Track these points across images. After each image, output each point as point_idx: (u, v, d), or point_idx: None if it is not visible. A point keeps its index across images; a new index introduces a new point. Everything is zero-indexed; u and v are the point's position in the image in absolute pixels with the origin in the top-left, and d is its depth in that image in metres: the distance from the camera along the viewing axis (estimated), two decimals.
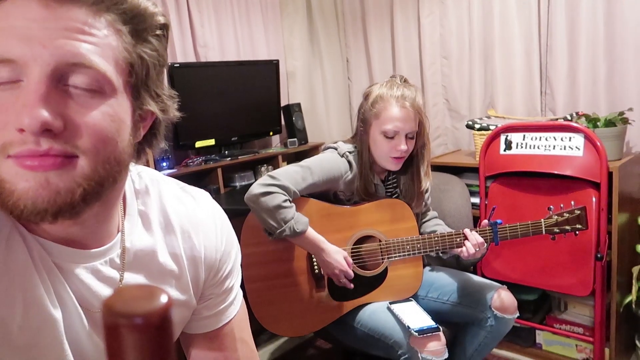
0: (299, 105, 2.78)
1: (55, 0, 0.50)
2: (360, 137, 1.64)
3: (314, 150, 2.72)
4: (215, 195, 2.25)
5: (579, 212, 1.59)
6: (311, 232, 1.52)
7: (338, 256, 1.54)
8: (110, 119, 0.54)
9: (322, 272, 1.61)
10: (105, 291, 0.64)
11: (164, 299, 0.28)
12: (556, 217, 1.59)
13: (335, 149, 1.65)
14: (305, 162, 1.59)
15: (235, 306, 0.84)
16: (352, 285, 1.58)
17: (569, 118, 2.08)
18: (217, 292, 0.80)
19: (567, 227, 1.59)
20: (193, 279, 0.75)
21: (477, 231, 1.59)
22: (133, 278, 0.67)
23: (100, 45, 0.52)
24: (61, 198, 0.52)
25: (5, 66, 0.50)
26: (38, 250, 0.59)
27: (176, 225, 0.73)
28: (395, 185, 1.73)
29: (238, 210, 1.65)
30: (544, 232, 1.60)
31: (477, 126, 2.23)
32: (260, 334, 2.38)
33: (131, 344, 0.27)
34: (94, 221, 0.62)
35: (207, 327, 0.81)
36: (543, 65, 2.38)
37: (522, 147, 1.98)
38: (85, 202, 0.54)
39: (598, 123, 1.96)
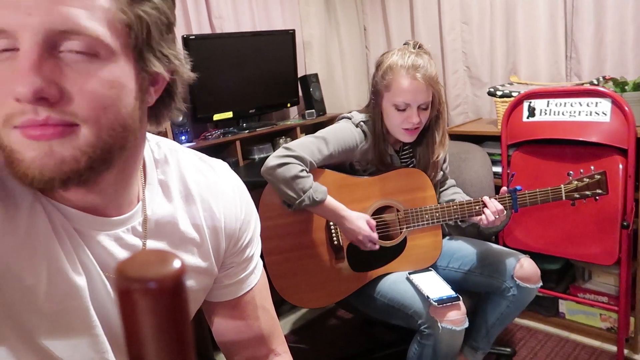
0: (316, 75, 2.74)
1: None
2: (373, 108, 1.61)
3: (333, 121, 2.65)
4: (234, 168, 2.24)
5: (599, 176, 1.55)
6: (331, 201, 1.51)
7: (360, 222, 1.52)
8: (109, 85, 0.53)
9: (341, 243, 1.61)
10: None
11: (177, 264, 0.27)
12: (576, 182, 1.56)
13: (350, 118, 1.63)
14: (320, 132, 1.57)
15: (255, 275, 0.85)
16: (377, 247, 1.56)
17: (596, 82, 2.01)
18: (238, 260, 0.81)
19: (587, 192, 1.55)
20: (214, 247, 0.75)
21: (496, 198, 1.56)
22: (155, 246, 0.68)
23: (91, 8, 0.50)
24: (67, 166, 0.52)
25: (1, 36, 0.49)
26: (59, 217, 0.60)
27: (196, 194, 0.73)
28: (410, 155, 1.71)
29: (257, 182, 1.65)
30: (564, 198, 1.57)
31: (499, 93, 2.17)
32: (282, 304, 2.41)
33: (144, 308, 0.27)
34: (112, 189, 0.62)
35: (228, 295, 0.82)
36: (568, 27, 2.29)
37: (546, 113, 1.93)
38: (93, 169, 0.54)
39: (626, 87, 1.88)
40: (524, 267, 1.59)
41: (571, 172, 1.57)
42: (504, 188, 1.58)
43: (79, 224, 0.61)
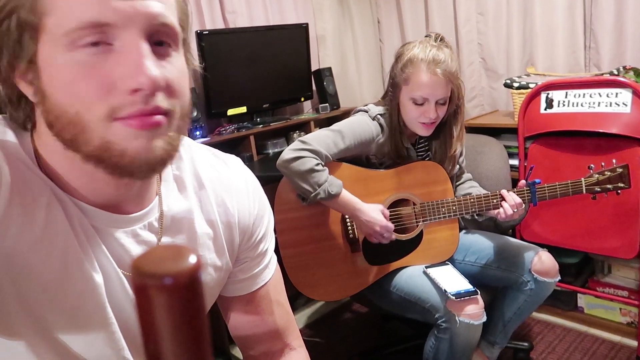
0: (329, 69, 2.72)
1: None
2: (390, 101, 1.59)
3: (346, 115, 2.65)
4: (249, 163, 2.26)
5: (621, 170, 1.52)
6: (346, 194, 1.50)
7: (375, 214, 1.51)
8: (183, 72, 0.57)
9: (357, 236, 1.60)
10: None
11: (192, 259, 0.27)
12: (597, 175, 1.53)
13: (366, 111, 1.61)
14: (336, 125, 1.56)
15: (269, 270, 0.85)
16: (393, 237, 1.55)
17: (616, 72, 1.97)
18: (252, 255, 0.81)
19: (609, 186, 1.52)
20: (228, 242, 0.76)
21: (514, 192, 1.54)
22: (171, 241, 0.68)
23: (168, 4, 0.55)
24: (165, 152, 0.55)
25: (97, 31, 0.50)
26: (77, 214, 0.60)
27: (209, 189, 0.73)
28: (426, 148, 1.69)
29: (272, 177, 1.65)
30: (584, 192, 1.54)
31: (515, 85, 2.14)
32: (297, 299, 2.42)
33: (161, 304, 0.26)
34: (139, 183, 0.63)
35: (243, 289, 0.82)
36: (587, 17, 2.25)
37: (564, 105, 1.89)
38: (177, 152, 0.58)
39: None
40: (542, 261, 1.57)
41: (592, 165, 1.54)
42: (523, 181, 1.56)
43: (96, 220, 0.62)
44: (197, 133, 2.23)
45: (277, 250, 0.88)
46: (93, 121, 0.51)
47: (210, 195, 0.73)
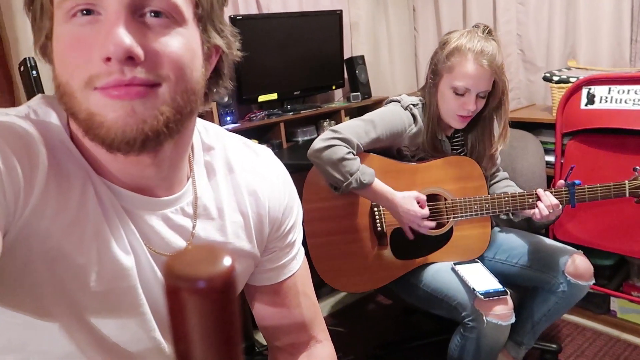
0: (362, 57, 2.68)
1: None
2: (429, 89, 1.55)
3: (378, 104, 2.62)
4: (278, 150, 2.25)
5: None
6: (378, 183, 1.48)
7: (410, 204, 1.48)
8: (185, 47, 0.55)
9: (385, 229, 1.58)
10: (176, 239, 0.66)
11: (227, 261, 0.26)
12: None
13: (399, 101, 1.58)
14: (368, 115, 1.54)
15: (297, 261, 0.85)
16: (434, 224, 1.52)
17: None
18: (280, 245, 0.81)
19: None
20: (257, 230, 0.76)
21: (551, 192, 1.49)
22: (203, 227, 0.69)
23: None
24: (147, 126, 0.53)
25: (84, 1, 0.51)
26: (109, 196, 0.60)
27: (241, 178, 0.74)
28: (462, 142, 1.65)
29: (300, 165, 1.64)
30: (627, 195, 1.47)
31: (555, 78, 2.06)
32: (321, 287, 2.42)
33: (193, 308, 0.25)
34: (167, 164, 0.62)
35: (270, 279, 0.82)
36: (635, 8, 2.14)
37: (606, 101, 1.82)
38: (168, 130, 0.55)
39: None
40: (576, 264, 1.52)
41: (638, 167, 1.47)
42: (561, 181, 1.50)
43: (128, 203, 0.62)
44: (228, 118, 2.23)
45: (304, 240, 0.88)
46: (77, 90, 0.52)
47: (242, 184, 0.73)
